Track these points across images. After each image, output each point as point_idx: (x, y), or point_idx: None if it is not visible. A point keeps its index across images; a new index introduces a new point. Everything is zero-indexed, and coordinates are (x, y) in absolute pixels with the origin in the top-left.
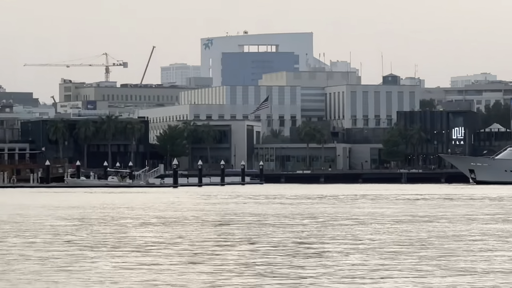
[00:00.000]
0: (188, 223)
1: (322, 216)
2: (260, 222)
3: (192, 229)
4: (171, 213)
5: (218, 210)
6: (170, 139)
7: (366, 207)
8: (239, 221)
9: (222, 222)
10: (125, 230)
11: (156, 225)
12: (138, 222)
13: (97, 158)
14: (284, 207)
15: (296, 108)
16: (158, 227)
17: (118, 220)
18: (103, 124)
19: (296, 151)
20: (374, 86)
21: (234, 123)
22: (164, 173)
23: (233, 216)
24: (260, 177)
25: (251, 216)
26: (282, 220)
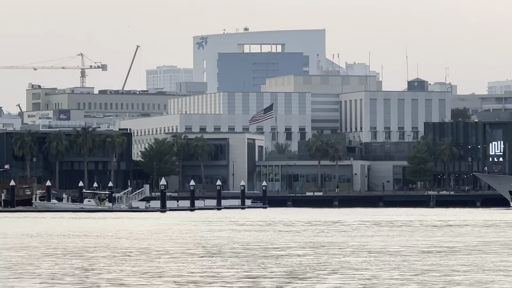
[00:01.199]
0: (171, 255)
1: (325, 247)
2: (251, 253)
3: (175, 264)
4: (154, 243)
5: (210, 240)
6: (157, 155)
7: (385, 237)
8: (232, 252)
9: (212, 254)
10: (93, 262)
11: (131, 258)
12: (105, 254)
13: (71, 177)
14: (280, 236)
15: (305, 119)
16: (134, 261)
17: (80, 251)
18: (78, 137)
19: (306, 170)
20: (398, 93)
21: (232, 136)
22: (149, 195)
23: (226, 246)
24: (263, 200)
25: (243, 246)
26: (274, 252)
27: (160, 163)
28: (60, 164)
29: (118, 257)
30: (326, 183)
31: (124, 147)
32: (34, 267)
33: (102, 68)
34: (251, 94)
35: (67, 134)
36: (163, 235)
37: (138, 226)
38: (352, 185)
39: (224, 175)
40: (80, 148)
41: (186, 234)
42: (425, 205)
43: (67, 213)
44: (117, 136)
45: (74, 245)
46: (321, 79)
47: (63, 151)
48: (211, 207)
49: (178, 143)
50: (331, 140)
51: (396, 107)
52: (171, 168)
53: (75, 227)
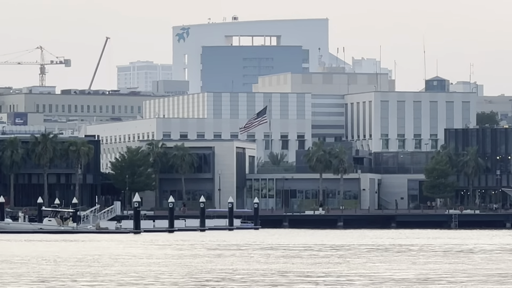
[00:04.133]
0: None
1: (320, 279)
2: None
3: None
4: (120, 272)
5: (191, 269)
6: (129, 166)
7: (396, 265)
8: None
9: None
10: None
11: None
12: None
13: (28, 192)
14: (268, 263)
15: (304, 124)
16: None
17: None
18: (36, 145)
19: (305, 184)
20: (414, 94)
21: (218, 145)
22: (121, 213)
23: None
24: (255, 219)
25: (223, 276)
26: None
27: (133, 176)
28: (15, 177)
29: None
30: (329, 200)
31: (90, 157)
32: None
33: (65, 64)
34: (241, 94)
35: (23, 141)
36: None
37: (102, 250)
38: (359, 202)
39: (209, 190)
40: (39, 158)
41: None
42: (446, 226)
43: (23, 235)
44: (82, 144)
45: (32, 271)
46: (324, 77)
47: (19, 162)
48: (193, 228)
49: (154, 153)
50: (335, 150)
51: (411, 111)
52: (146, 182)
53: (32, 251)
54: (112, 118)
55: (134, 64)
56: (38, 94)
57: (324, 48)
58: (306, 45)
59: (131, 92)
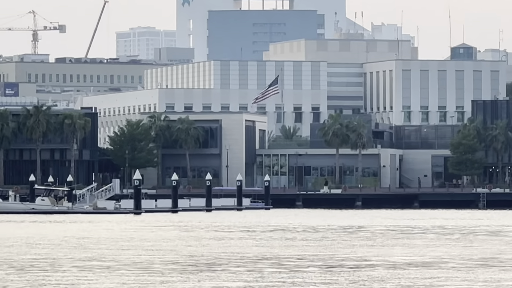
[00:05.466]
0: (129, 271)
1: (330, 263)
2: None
3: None
4: (115, 256)
5: (192, 254)
6: (129, 141)
7: (414, 249)
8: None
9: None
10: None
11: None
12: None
13: (19, 169)
14: (280, 247)
15: (319, 95)
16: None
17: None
18: (28, 118)
19: (320, 160)
20: (438, 63)
21: (226, 117)
22: (120, 192)
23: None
24: (266, 199)
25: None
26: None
27: (133, 152)
28: (5, 153)
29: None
30: (346, 178)
31: (87, 131)
32: None
33: (59, 30)
34: (251, 63)
35: (14, 114)
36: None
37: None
38: (379, 180)
39: (216, 167)
40: (31, 133)
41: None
42: (473, 206)
43: (14, 215)
44: (78, 116)
45: (22, 257)
46: (340, 44)
47: (9, 136)
48: (198, 208)
49: (156, 126)
50: (353, 123)
51: (436, 81)
52: (147, 158)
53: (23, 233)
54: (111, 89)
55: (134, 30)
56: (30, 63)
57: (341, 12)
58: (322, 9)
59: (131, 60)
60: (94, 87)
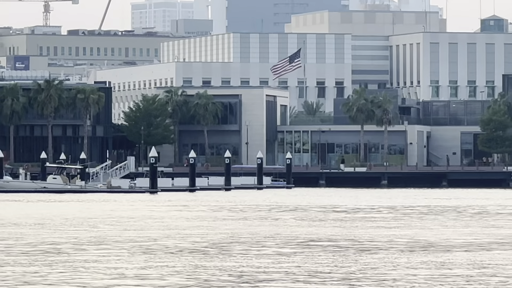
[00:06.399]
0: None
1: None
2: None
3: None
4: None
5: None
6: (145, 117)
7: (443, 229)
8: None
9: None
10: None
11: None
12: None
13: (30, 146)
14: (302, 227)
15: (344, 69)
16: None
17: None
18: (39, 93)
19: (344, 137)
20: (467, 35)
21: (246, 92)
22: (135, 170)
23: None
24: (287, 177)
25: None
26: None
27: (149, 128)
28: (15, 129)
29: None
30: (371, 156)
31: (101, 106)
32: None
33: (72, 1)
34: (272, 35)
35: (25, 88)
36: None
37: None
38: (406, 158)
39: (235, 144)
40: (43, 108)
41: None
42: (504, 185)
43: (24, 194)
44: (92, 91)
45: (35, 239)
46: (365, 15)
47: (20, 112)
48: (217, 187)
49: (173, 101)
50: (378, 98)
51: (465, 54)
52: (164, 135)
53: (35, 213)
54: (126, 62)
55: (150, 1)
56: (42, 35)
57: None
58: None
59: (147, 32)
60: (108, 61)
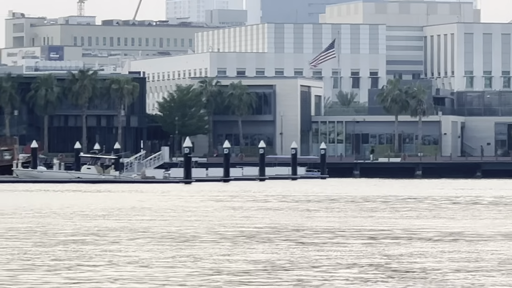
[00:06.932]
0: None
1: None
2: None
3: None
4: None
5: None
6: (179, 107)
7: (476, 220)
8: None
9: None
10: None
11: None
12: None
13: (64, 137)
14: (339, 217)
15: (378, 60)
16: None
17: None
18: (74, 83)
19: (379, 128)
20: (502, 26)
21: (280, 83)
22: (169, 160)
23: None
24: (322, 167)
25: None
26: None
27: (183, 118)
28: (49, 119)
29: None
30: (405, 146)
31: (135, 97)
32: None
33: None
34: (306, 26)
35: (59, 78)
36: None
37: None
38: (440, 148)
39: (270, 134)
40: (77, 98)
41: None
42: None
43: (58, 184)
44: (126, 81)
45: (70, 229)
46: (400, 6)
47: (54, 102)
48: (251, 177)
49: (207, 92)
50: (413, 89)
51: (499, 44)
52: (198, 125)
53: (70, 203)
54: (160, 53)
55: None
56: (76, 25)
57: None
58: None
59: (181, 23)
60: (143, 51)
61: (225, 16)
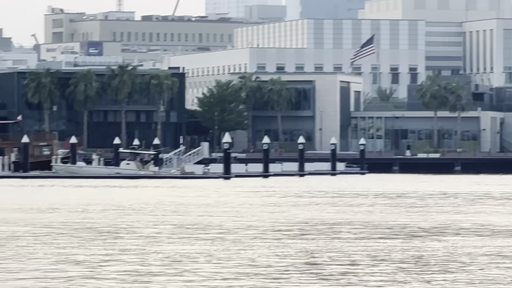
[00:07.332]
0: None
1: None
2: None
3: None
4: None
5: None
6: (219, 103)
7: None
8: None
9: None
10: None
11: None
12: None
13: (103, 132)
14: (379, 213)
15: (417, 55)
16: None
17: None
18: (113, 78)
19: (418, 123)
20: None
21: (320, 78)
22: (209, 156)
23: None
24: (361, 163)
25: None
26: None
27: (223, 114)
28: (89, 115)
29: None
30: (444, 142)
31: (174, 92)
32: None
33: None
34: (345, 22)
35: (98, 74)
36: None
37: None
38: (479, 144)
39: (309, 130)
40: (116, 93)
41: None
42: None
43: (98, 180)
44: (165, 77)
45: (108, 224)
46: (439, 2)
47: (93, 97)
48: (290, 173)
49: (247, 87)
50: (452, 84)
51: None
52: (237, 121)
53: (110, 199)
54: (199, 48)
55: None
56: (115, 21)
57: None
58: None
59: (220, 18)
60: (182, 46)
61: (264, 11)
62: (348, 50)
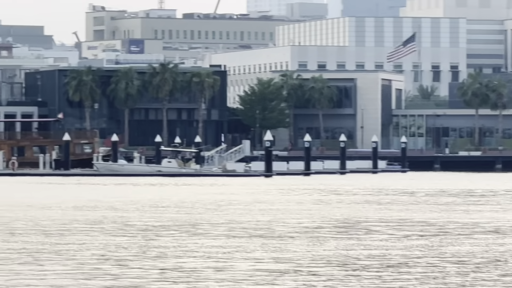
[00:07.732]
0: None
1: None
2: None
3: None
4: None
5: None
6: (260, 100)
7: None
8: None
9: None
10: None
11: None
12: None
13: (144, 130)
14: (424, 211)
15: (458, 53)
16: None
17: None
18: (154, 76)
19: (459, 121)
20: None
21: (361, 76)
22: (250, 154)
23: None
24: (402, 161)
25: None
26: None
27: (264, 112)
28: (130, 113)
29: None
30: (486, 140)
31: (216, 90)
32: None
33: None
34: (387, 19)
35: (139, 72)
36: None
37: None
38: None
39: (350, 128)
40: (158, 91)
41: None
42: None
43: (139, 178)
44: (207, 75)
45: (148, 222)
46: (480, 0)
47: (135, 95)
48: (332, 171)
49: (288, 85)
50: (493, 82)
51: None
52: (279, 119)
53: (151, 196)
54: (241, 46)
55: None
56: (157, 19)
57: None
58: None
59: (262, 16)
60: (223, 44)
61: (305, 9)
62: (389, 48)
